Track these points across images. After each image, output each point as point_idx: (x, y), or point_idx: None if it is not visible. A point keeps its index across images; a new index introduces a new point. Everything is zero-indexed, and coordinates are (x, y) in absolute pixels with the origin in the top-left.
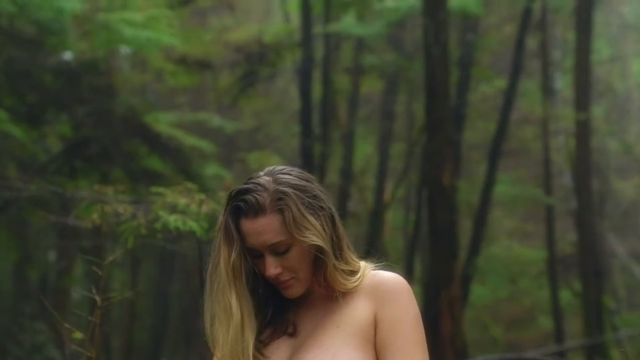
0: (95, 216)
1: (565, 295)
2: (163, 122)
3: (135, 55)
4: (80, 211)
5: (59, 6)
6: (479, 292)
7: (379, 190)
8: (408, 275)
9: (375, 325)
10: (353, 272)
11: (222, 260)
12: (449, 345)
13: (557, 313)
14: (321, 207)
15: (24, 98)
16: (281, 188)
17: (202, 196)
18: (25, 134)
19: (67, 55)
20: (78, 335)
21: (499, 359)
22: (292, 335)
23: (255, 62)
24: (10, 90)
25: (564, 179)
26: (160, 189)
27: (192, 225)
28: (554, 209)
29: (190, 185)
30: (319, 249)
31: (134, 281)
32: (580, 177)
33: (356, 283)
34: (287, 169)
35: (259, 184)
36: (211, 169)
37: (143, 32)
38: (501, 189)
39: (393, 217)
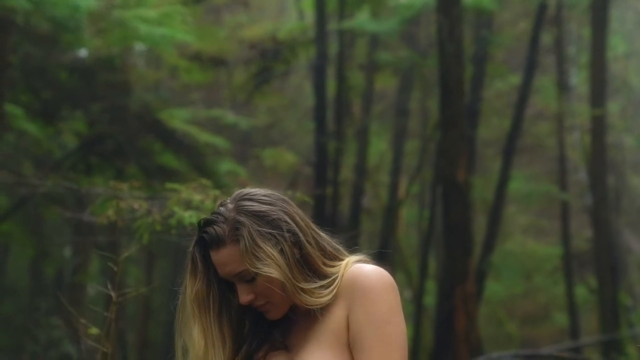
0: (110, 212)
1: (580, 292)
2: (178, 119)
3: (150, 52)
4: (96, 207)
5: (75, 3)
6: (493, 288)
7: (394, 186)
8: (422, 271)
9: (348, 326)
10: (331, 282)
11: (186, 293)
12: (464, 341)
13: (572, 309)
14: (280, 232)
15: (40, 95)
16: (238, 217)
17: (217, 192)
18: (40, 131)
19: (83, 52)
20: (94, 330)
21: (514, 355)
22: (288, 350)
23: (269, 59)
24: (26, 87)
25: (579, 175)
26: (175, 185)
27: None
28: (569, 205)
29: (204, 181)
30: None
31: (149, 277)
32: (596, 173)
33: (331, 295)
34: (253, 192)
35: (220, 214)
36: (226, 165)
37: (158, 29)
38: (516, 185)
39: (407, 214)
